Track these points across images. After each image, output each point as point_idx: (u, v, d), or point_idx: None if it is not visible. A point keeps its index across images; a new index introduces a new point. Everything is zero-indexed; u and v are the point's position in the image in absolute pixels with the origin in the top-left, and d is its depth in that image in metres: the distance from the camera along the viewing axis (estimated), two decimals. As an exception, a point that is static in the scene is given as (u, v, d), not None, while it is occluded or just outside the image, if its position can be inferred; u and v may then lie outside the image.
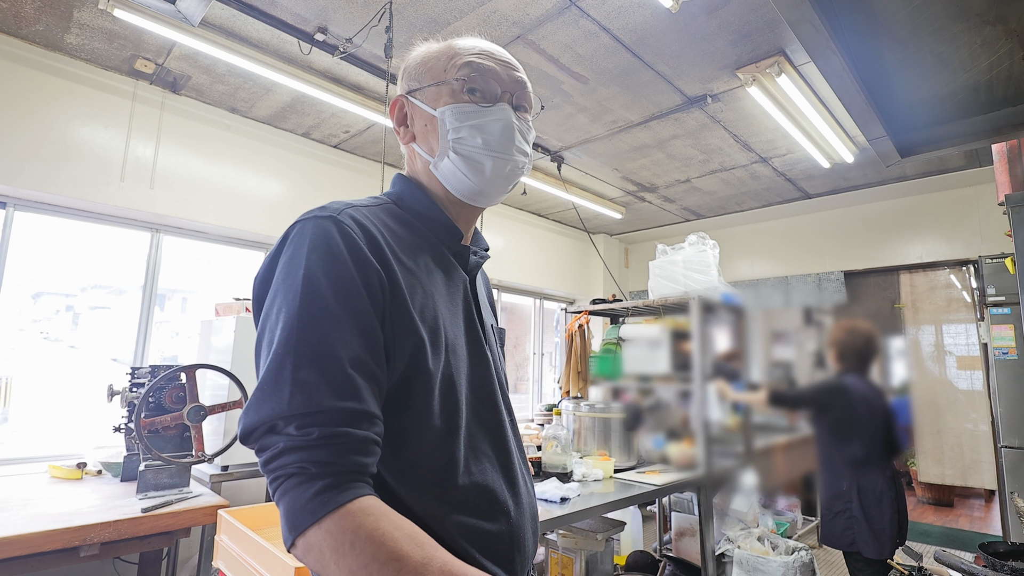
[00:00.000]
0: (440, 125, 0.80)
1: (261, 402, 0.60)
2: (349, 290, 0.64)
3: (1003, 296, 3.64)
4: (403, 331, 0.67)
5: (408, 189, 0.84)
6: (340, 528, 0.56)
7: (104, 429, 2.59)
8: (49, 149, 2.99)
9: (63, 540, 1.78)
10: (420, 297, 0.72)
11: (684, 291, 3.09)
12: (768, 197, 5.39)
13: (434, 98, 0.82)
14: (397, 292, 0.68)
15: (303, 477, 0.57)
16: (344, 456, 0.58)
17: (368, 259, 0.66)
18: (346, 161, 4.39)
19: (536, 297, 6.27)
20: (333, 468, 0.58)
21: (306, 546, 0.57)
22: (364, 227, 0.69)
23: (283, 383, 0.59)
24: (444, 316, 0.75)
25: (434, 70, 0.82)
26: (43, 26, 2.79)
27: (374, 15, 2.71)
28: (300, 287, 0.63)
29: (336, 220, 0.67)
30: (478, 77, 0.81)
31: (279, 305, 0.64)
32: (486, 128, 0.80)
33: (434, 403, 0.69)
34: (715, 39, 2.87)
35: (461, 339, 0.77)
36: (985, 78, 1.49)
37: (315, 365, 0.60)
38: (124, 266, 3.57)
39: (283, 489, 0.58)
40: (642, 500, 2.38)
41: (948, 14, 1.24)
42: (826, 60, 1.29)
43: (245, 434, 0.61)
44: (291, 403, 0.58)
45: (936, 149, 1.77)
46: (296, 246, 0.66)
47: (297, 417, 0.58)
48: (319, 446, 0.58)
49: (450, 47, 0.83)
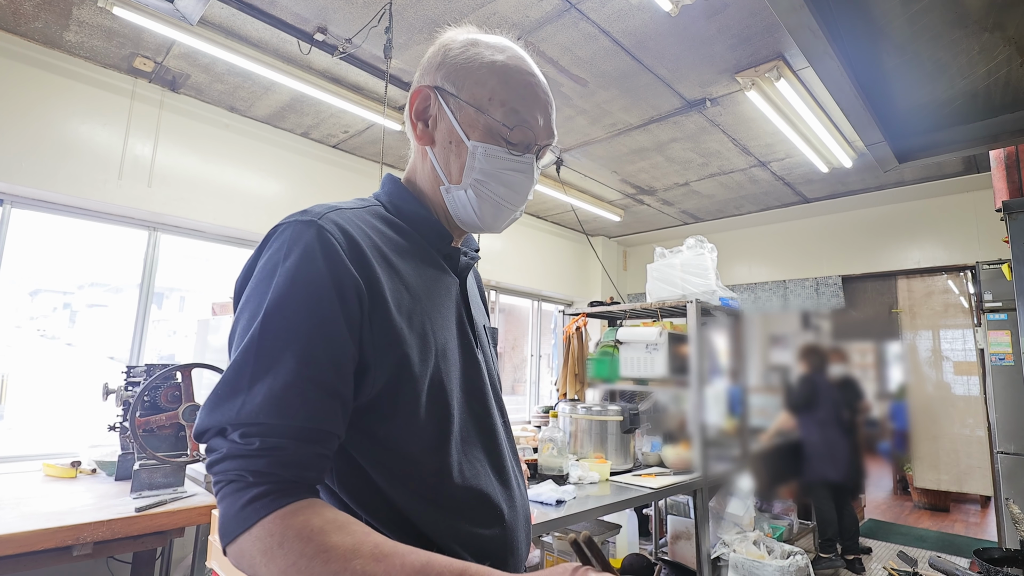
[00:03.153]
0: (469, 157, 0.77)
1: (215, 406, 0.60)
2: (322, 300, 0.62)
3: (1000, 302, 3.65)
4: (386, 339, 0.66)
5: (397, 192, 0.83)
6: (268, 532, 0.55)
7: (99, 428, 2.58)
8: (47, 146, 2.98)
9: (56, 539, 1.77)
10: (407, 302, 0.71)
11: (682, 294, 3.09)
12: (766, 201, 5.39)
13: (469, 123, 0.77)
14: (379, 300, 0.67)
15: (240, 484, 0.58)
16: (284, 468, 0.58)
17: (347, 268, 0.65)
18: (345, 161, 4.38)
19: (534, 299, 6.26)
20: (271, 479, 0.58)
21: (237, 552, 0.57)
22: (347, 233, 0.68)
23: (238, 391, 0.59)
24: (433, 320, 0.74)
25: (478, 89, 0.77)
26: (42, 23, 2.78)
27: (374, 16, 2.71)
28: (270, 295, 0.62)
29: (318, 226, 0.65)
30: (519, 131, 0.78)
31: (249, 311, 0.64)
32: (510, 181, 0.79)
33: (423, 408, 0.69)
34: (714, 43, 2.87)
35: (452, 342, 0.77)
36: (983, 84, 1.49)
37: (270, 377, 0.59)
38: (122, 264, 3.56)
39: (221, 495, 0.59)
40: (638, 503, 2.38)
41: (946, 21, 1.25)
42: (824, 65, 1.30)
43: (198, 433, 0.61)
44: (240, 412, 0.58)
45: (934, 155, 1.78)
46: (273, 251, 0.66)
47: (243, 426, 0.58)
48: (258, 456, 0.58)
49: (502, 70, 0.78)
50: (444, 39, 0.82)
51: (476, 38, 0.81)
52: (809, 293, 5.49)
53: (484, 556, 0.71)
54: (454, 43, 0.80)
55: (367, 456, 0.68)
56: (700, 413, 2.77)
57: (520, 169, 0.79)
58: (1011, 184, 2.23)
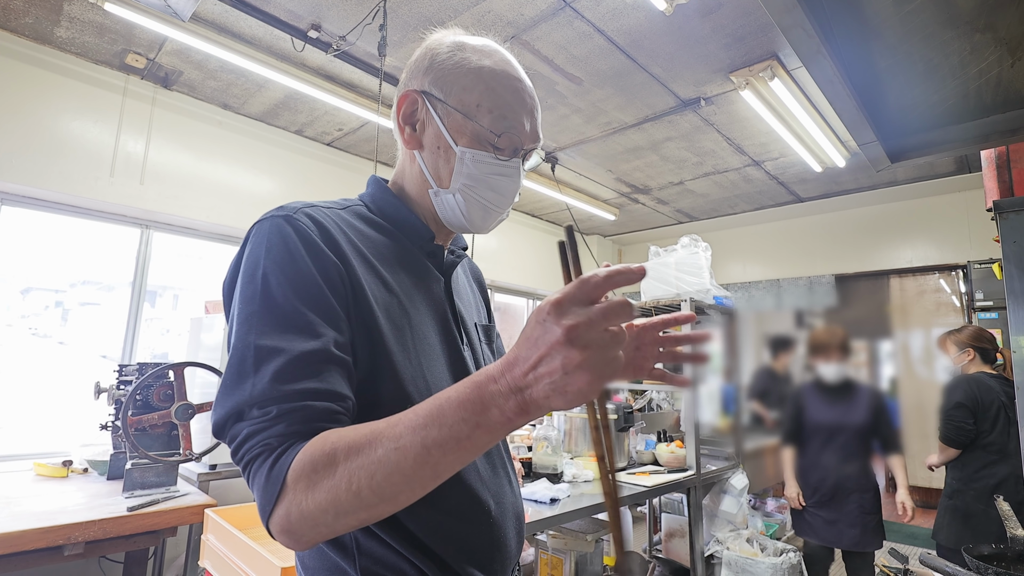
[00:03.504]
0: (457, 163, 0.78)
1: (225, 396, 0.61)
2: (308, 283, 0.65)
3: (991, 300, 3.68)
4: (364, 325, 0.68)
5: (379, 192, 0.84)
6: (300, 466, 0.54)
7: (91, 427, 2.56)
8: (38, 143, 2.95)
9: (46, 539, 1.76)
10: (383, 296, 0.72)
11: (676, 293, 3.10)
12: (760, 200, 5.41)
13: (457, 129, 0.78)
14: (358, 287, 0.69)
15: (266, 455, 0.57)
16: (304, 423, 0.58)
17: (324, 252, 0.67)
18: (339, 159, 4.37)
19: (529, 298, 6.27)
20: (294, 437, 0.57)
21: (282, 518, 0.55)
22: (320, 224, 0.70)
23: (244, 376, 0.60)
24: (411, 316, 0.75)
25: (466, 95, 0.77)
26: (33, 19, 2.76)
27: (368, 13, 2.70)
28: (259, 285, 0.64)
29: (291, 218, 0.69)
30: (507, 138, 0.78)
31: (242, 305, 0.65)
32: (497, 185, 0.80)
33: (409, 401, 0.69)
34: (708, 42, 2.88)
35: (433, 338, 0.77)
36: (974, 85, 1.50)
37: (274, 358, 0.60)
38: (114, 262, 3.53)
39: (252, 475, 0.58)
40: (632, 501, 2.39)
41: (938, 21, 1.25)
42: (817, 65, 1.30)
43: (216, 429, 0.61)
44: (252, 391, 0.59)
45: (926, 154, 1.79)
46: (253, 247, 0.68)
47: (259, 400, 0.59)
48: (278, 421, 0.58)
49: (489, 76, 0.78)
50: (430, 42, 0.83)
51: (463, 41, 0.81)
52: (802, 292, 5.52)
53: (469, 551, 0.72)
54: (441, 47, 0.81)
55: None
56: (694, 411, 2.78)
57: (507, 173, 0.80)
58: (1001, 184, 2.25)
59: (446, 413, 0.50)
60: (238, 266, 0.69)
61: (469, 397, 0.50)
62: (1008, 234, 1.84)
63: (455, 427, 0.50)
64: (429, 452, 0.50)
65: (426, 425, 0.51)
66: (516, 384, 0.48)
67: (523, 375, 0.47)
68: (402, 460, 0.51)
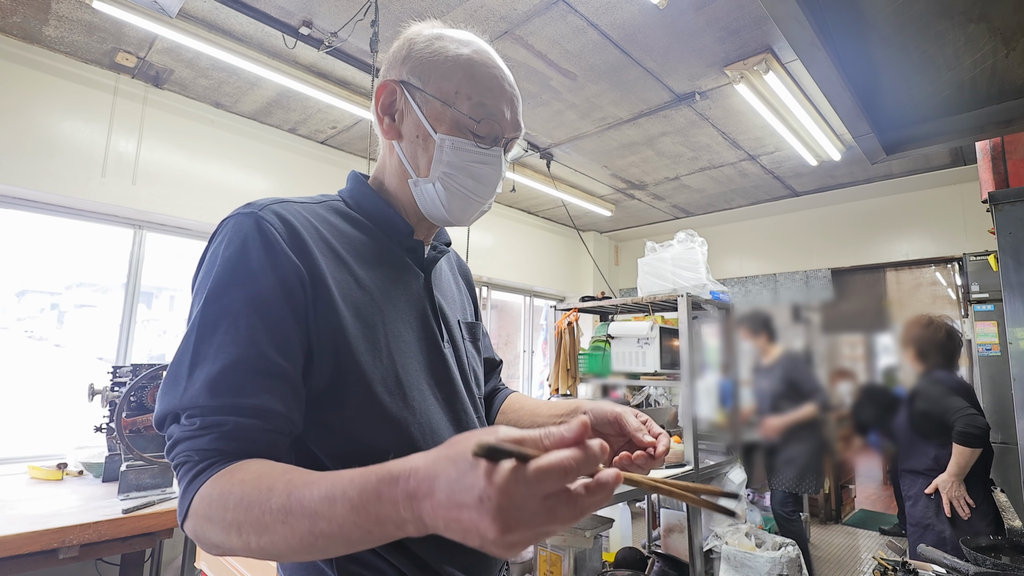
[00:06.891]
0: (436, 150, 0.77)
1: (163, 394, 0.62)
2: (261, 286, 0.64)
3: (987, 293, 3.68)
4: (328, 327, 0.68)
5: (358, 187, 0.84)
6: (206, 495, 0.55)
7: (85, 429, 2.55)
8: (28, 144, 2.93)
9: (41, 542, 1.75)
10: (354, 293, 0.72)
11: (673, 288, 3.09)
12: (756, 195, 5.41)
13: (436, 116, 0.77)
14: (322, 288, 0.68)
15: (189, 464, 0.59)
16: (227, 442, 0.59)
17: (286, 255, 0.66)
18: (333, 157, 4.35)
19: (526, 295, 6.26)
20: (215, 454, 0.58)
21: (191, 528, 0.57)
22: (287, 222, 0.69)
23: (180, 378, 0.61)
24: (385, 313, 0.75)
25: (444, 82, 0.77)
26: (20, 17, 2.73)
27: (359, 9, 2.68)
28: (210, 285, 0.64)
29: (257, 216, 0.67)
30: (486, 124, 0.78)
31: (192, 305, 0.66)
32: (478, 174, 0.79)
33: (379, 401, 0.69)
34: (703, 36, 2.86)
35: (409, 336, 0.77)
36: (969, 76, 1.49)
37: (209, 362, 0.61)
38: (109, 263, 3.51)
39: (178, 478, 0.60)
40: (631, 497, 2.39)
41: (933, 12, 1.24)
42: (812, 57, 1.29)
43: (157, 424, 0.64)
44: (183, 396, 0.60)
45: (921, 146, 1.78)
46: (216, 244, 0.68)
47: (187, 409, 0.60)
48: (201, 435, 0.59)
49: (467, 64, 0.77)
50: (409, 33, 0.83)
51: (441, 32, 0.82)
52: (799, 286, 5.52)
53: (450, 551, 0.70)
54: (419, 37, 0.81)
55: (324, 448, 0.69)
56: (692, 406, 2.78)
57: (487, 162, 0.79)
58: (997, 175, 2.25)
59: (337, 512, 0.47)
60: (201, 263, 0.69)
61: (365, 503, 0.45)
62: (1004, 225, 1.84)
63: (345, 527, 0.47)
64: (316, 540, 0.49)
65: (315, 513, 0.48)
66: (418, 516, 0.43)
67: (431, 511, 0.42)
68: (289, 536, 0.50)
